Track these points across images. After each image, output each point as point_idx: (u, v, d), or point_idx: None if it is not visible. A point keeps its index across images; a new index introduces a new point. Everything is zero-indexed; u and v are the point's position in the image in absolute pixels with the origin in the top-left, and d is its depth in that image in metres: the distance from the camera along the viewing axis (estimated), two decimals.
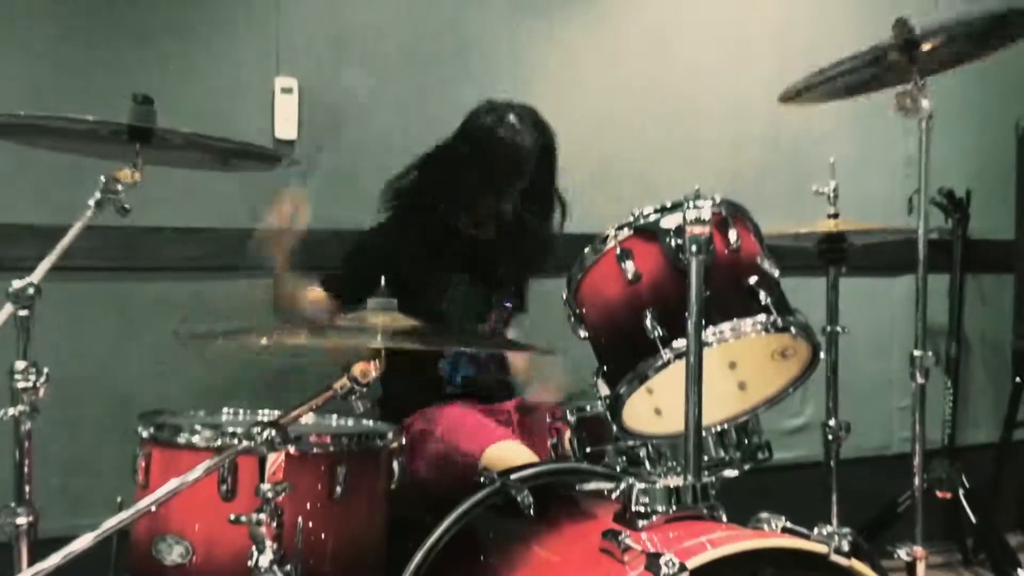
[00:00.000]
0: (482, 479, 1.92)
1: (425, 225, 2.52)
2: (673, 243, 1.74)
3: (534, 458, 2.16)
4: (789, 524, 1.71)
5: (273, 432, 1.61)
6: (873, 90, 2.18)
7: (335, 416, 2.19)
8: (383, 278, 1.81)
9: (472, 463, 2.19)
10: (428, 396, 2.48)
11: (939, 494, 3.12)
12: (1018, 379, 3.58)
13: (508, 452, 2.19)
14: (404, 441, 2.08)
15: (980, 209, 3.63)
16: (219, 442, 1.84)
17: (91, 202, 1.76)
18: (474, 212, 2.53)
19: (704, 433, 1.85)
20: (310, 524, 1.84)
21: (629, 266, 1.78)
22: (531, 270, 2.74)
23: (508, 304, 2.67)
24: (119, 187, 1.77)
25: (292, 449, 1.79)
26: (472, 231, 2.56)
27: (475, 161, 2.45)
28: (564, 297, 1.93)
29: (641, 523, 1.64)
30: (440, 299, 2.52)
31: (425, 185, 2.54)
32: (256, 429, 1.61)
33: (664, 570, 1.44)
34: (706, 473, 1.73)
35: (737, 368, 1.97)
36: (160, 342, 2.59)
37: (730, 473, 2.04)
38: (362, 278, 1.87)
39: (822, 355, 1.91)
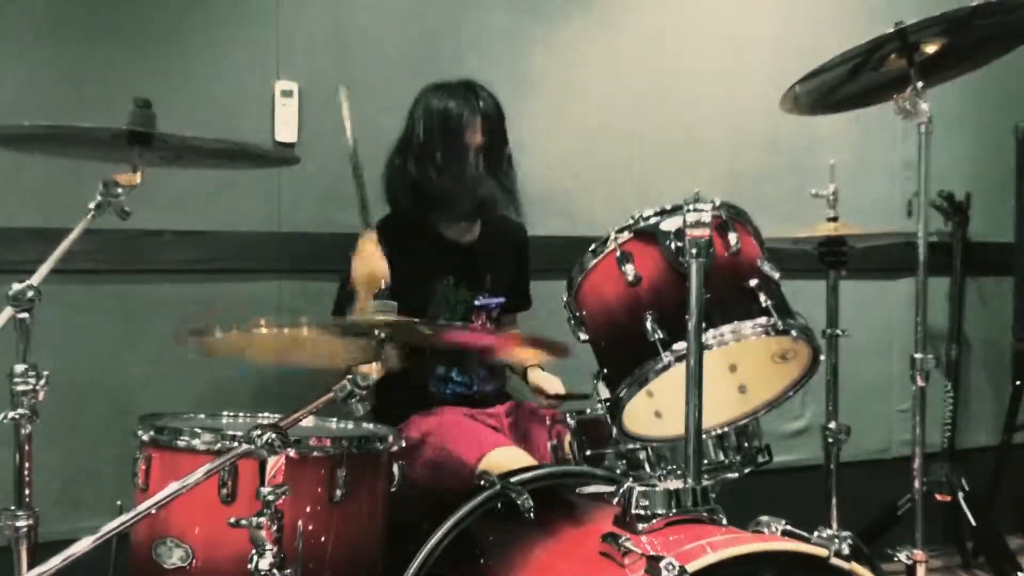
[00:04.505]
0: (482, 482, 1.92)
1: (404, 229, 2.50)
2: (673, 246, 1.74)
3: (532, 462, 2.16)
4: (789, 527, 1.71)
5: (273, 435, 1.61)
6: (876, 101, 2.18)
7: (335, 419, 2.19)
8: (382, 281, 1.81)
9: (468, 471, 2.17)
10: (419, 403, 2.47)
11: (939, 497, 3.11)
12: (1018, 382, 3.58)
13: (505, 458, 2.18)
14: (403, 445, 2.08)
15: (980, 212, 3.63)
16: (219, 445, 1.84)
17: (91, 205, 1.77)
18: (447, 193, 2.48)
19: (704, 436, 1.85)
20: (310, 527, 1.84)
21: (629, 269, 1.79)
22: (520, 260, 2.72)
23: (496, 302, 2.64)
24: (119, 190, 1.77)
25: (292, 452, 1.79)
26: (453, 225, 2.54)
27: (433, 136, 2.47)
28: (564, 300, 1.93)
29: (641, 526, 1.64)
30: (425, 303, 2.51)
31: (394, 188, 2.54)
32: (256, 432, 1.61)
33: (664, 574, 1.44)
34: (706, 476, 1.73)
35: (737, 371, 1.97)
36: (160, 345, 2.59)
37: (730, 476, 2.04)
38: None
39: (822, 358, 1.91)
